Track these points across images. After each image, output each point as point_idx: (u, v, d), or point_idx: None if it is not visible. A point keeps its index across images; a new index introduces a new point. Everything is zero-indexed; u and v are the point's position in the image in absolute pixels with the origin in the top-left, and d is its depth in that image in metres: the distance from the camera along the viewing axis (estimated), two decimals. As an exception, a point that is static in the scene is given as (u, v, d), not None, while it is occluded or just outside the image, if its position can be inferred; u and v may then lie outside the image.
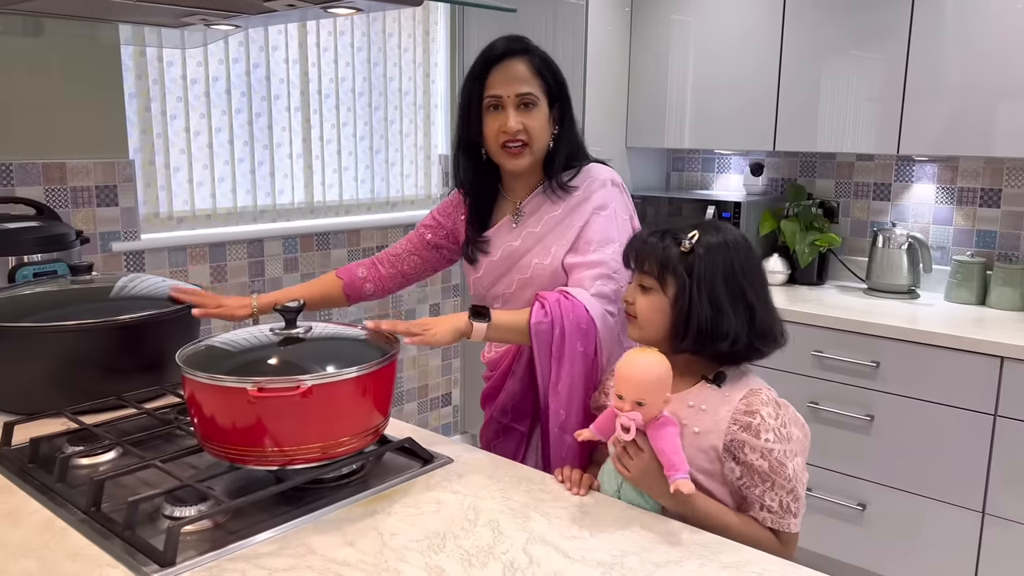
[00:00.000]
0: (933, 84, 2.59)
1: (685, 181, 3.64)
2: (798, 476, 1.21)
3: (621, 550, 1.11)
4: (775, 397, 1.25)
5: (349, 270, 1.82)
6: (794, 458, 1.21)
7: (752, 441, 1.20)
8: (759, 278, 1.29)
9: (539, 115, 1.59)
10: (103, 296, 1.67)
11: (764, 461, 1.19)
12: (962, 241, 2.91)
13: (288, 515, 1.19)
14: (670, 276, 1.26)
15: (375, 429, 1.31)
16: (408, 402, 3.57)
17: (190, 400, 1.25)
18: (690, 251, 1.25)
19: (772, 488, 1.20)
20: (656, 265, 1.27)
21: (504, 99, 1.57)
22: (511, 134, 1.57)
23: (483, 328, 1.48)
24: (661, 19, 3.20)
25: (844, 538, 2.65)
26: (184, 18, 1.39)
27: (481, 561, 1.07)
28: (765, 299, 1.28)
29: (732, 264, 1.25)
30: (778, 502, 1.21)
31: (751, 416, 1.21)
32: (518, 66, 1.58)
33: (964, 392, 2.37)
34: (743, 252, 1.27)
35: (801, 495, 1.22)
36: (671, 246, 1.26)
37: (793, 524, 1.22)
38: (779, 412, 1.23)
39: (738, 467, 1.22)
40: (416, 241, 1.82)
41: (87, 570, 1.04)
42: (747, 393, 1.24)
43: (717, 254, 1.25)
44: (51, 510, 1.19)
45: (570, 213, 1.62)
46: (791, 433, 1.22)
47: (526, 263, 1.62)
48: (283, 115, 3.01)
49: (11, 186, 2.33)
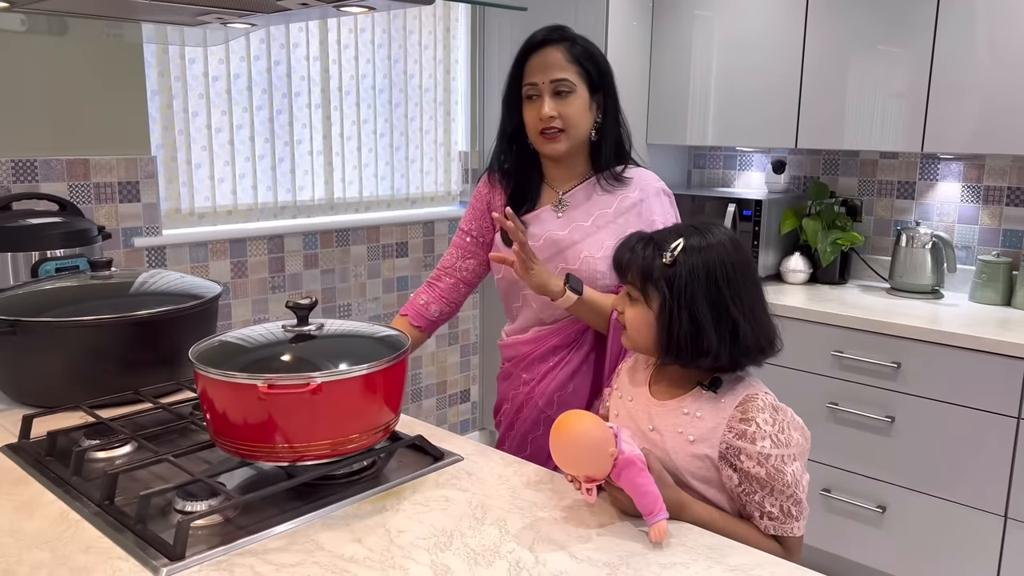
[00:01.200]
0: (959, 81, 2.55)
1: (706, 178, 3.62)
2: (798, 481, 1.20)
3: (628, 551, 1.10)
4: (772, 402, 1.23)
5: (411, 304, 1.83)
6: (793, 463, 1.19)
7: (748, 448, 1.18)
8: (746, 287, 1.23)
9: (576, 102, 1.60)
10: (122, 292, 1.69)
11: (761, 468, 1.18)
12: (988, 240, 2.87)
13: (298, 511, 1.20)
14: (652, 289, 1.23)
15: (385, 426, 1.31)
16: (427, 398, 3.58)
17: (202, 396, 1.26)
18: (673, 263, 1.21)
19: (772, 494, 1.19)
20: (639, 277, 1.24)
21: (540, 86, 1.60)
22: (545, 121, 1.59)
23: (573, 299, 1.54)
24: (684, 14, 3.18)
25: (863, 540, 2.62)
26: (200, 17, 1.40)
27: (487, 560, 1.07)
28: (751, 310, 1.22)
29: (715, 276, 1.20)
30: (779, 508, 1.20)
31: (747, 423, 1.19)
32: (554, 54, 1.60)
33: (987, 394, 2.33)
34: (729, 261, 1.21)
35: (802, 499, 1.21)
36: (655, 257, 1.23)
37: (796, 528, 1.21)
38: (776, 417, 1.21)
39: (736, 475, 1.20)
40: (463, 246, 1.81)
41: (99, 563, 1.05)
42: (743, 399, 1.22)
43: (700, 266, 1.20)
44: (66, 502, 1.21)
45: (625, 212, 1.65)
46: (789, 437, 1.20)
47: (574, 254, 1.63)
48: (304, 112, 3.03)
49: (35, 182, 2.37)
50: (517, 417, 1.74)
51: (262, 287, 2.96)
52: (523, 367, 1.73)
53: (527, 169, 1.72)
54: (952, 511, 2.44)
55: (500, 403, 1.81)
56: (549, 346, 1.68)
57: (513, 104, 1.66)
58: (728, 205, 3.04)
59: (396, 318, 1.84)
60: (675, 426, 1.25)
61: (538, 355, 1.70)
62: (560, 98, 1.60)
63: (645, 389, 1.32)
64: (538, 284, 1.54)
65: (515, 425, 1.75)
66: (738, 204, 3.03)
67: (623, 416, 1.34)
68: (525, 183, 1.73)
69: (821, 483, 2.70)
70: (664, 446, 1.25)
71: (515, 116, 1.67)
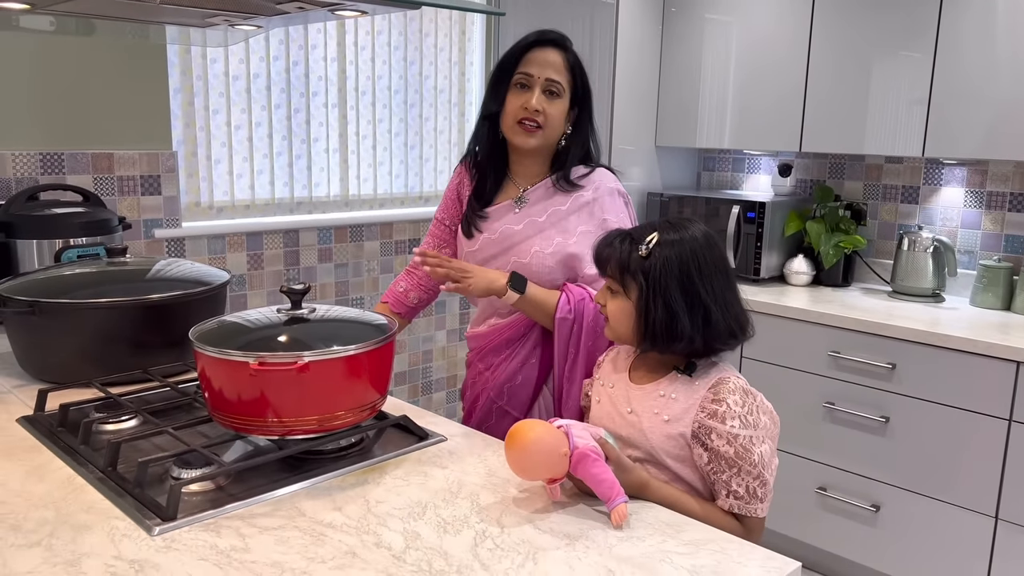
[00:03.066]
0: (962, 87, 2.58)
1: (716, 181, 3.67)
2: (765, 462, 1.26)
3: (589, 524, 1.17)
4: (743, 385, 1.30)
5: (391, 291, 1.92)
6: (761, 444, 1.26)
7: (718, 427, 1.25)
8: (717, 277, 1.31)
9: (560, 105, 1.69)
10: (136, 277, 1.79)
11: (730, 447, 1.24)
12: (990, 245, 2.89)
13: (285, 481, 1.28)
14: (631, 281, 1.31)
15: (371, 405, 1.39)
16: (437, 391, 3.67)
17: (201, 373, 1.35)
18: (648, 255, 1.29)
19: (739, 474, 1.25)
20: (618, 270, 1.33)
21: (534, 78, 1.67)
22: (530, 112, 1.66)
23: (514, 297, 1.61)
24: (695, 17, 3.23)
25: (857, 539, 2.66)
26: (209, 19, 1.50)
27: (456, 529, 1.15)
28: (723, 297, 1.30)
29: (688, 266, 1.28)
30: (745, 487, 1.26)
31: (718, 404, 1.26)
32: (555, 55, 1.68)
33: (980, 396, 2.36)
34: (701, 252, 1.30)
35: (768, 481, 1.27)
36: (631, 250, 1.31)
37: (759, 510, 1.27)
38: (746, 400, 1.27)
39: (706, 453, 1.27)
40: (437, 235, 1.89)
41: (98, 521, 1.14)
42: (716, 382, 1.29)
43: (673, 258, 1.28)
44: (73, 468, 1.31)
45: (577, 211, 1.71)
46: (758, 420, 1.27)
47: (526, 248, 1.70)
48: (321, 111, 3.13)
49: (62, 174, 2.49)
50: (475, 407, 1.83)
51: (277, 279, 3.06)
52: (479, 357, 1.81)
53: (494, 162, 1.78)
54: (945, 511, 2.47)
55: (464, 387, 1.90)
56: (503, 338, 1.75)
57: (499, 87, 1.71)
58: (732, 207, 3.09)
59: (377, 304, 1.93)
60: (651, 408, 1.32)
61: (492, 347, 1.78)
62: (548, 97, 1.67)
63: (625, 375, 1.40)
64: (480, 290, 1.63)
65: (473, 414, 1.83)
66: (742, 206, 3.08)
67: (604, 402, 1.42)
68: (491, 176, 1.79)
69: (816, 482, 2.74)
70: (641, 427, 1.33)
71: (498, 99, 1.71)
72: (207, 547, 1.08)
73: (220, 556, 1.06)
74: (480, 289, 1.62)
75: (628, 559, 1.08)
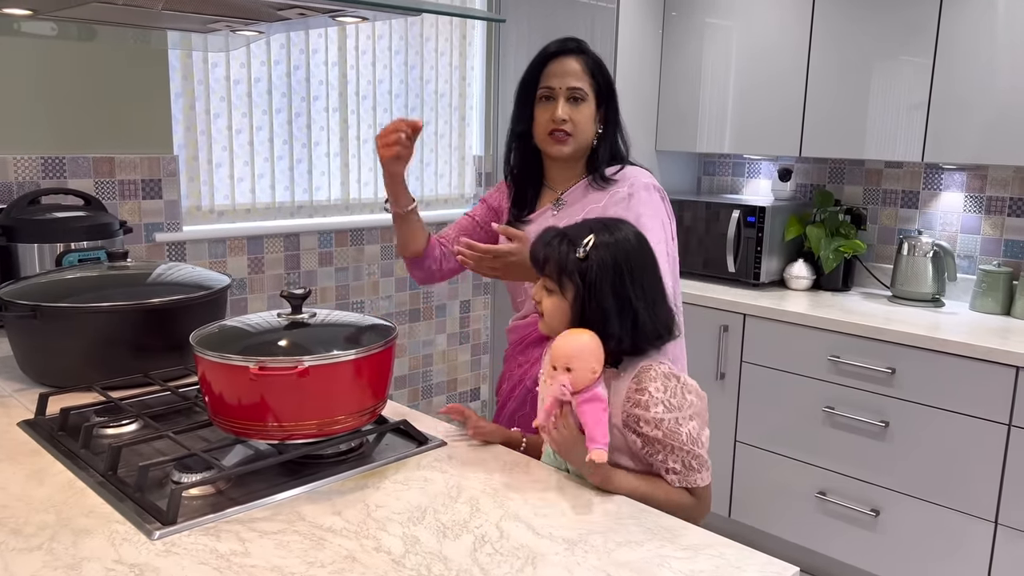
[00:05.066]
0: (961, 91, 2.59)
1: (716, 185, 3.67)
2: (694, 438, 1.31)
3: (588, 529, 1.18)
4: (665, 371, 1.34)
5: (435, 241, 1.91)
6: (688, 423, 1.31)
7: (644, 415, 1.30)
8: (647, 279, 1.36)
9: (586, 110, 1.72)
10: (137, 281, 1.80)
11: (658, 430, 1.30)
12: (989, 250, 2.89)
13: (285, 486, 1.28)
14: (567, 281, 1.34)
15: (371, 410, 1.40)
16: (437, 395, 3.67)
17: (201, 378, 1.36)
18: (585, 258, 1.33)
19: (672, 452, 1.31)
20: (555, 270, 1.35)
21: (556, 90, 1.71)
22: (558, 123, 1.71)
23: None
24: (695, 22, 3.24)
25: (856, 543, 2.66)
26: (210, 24, 1.50)
27: (455, 533, 1.15)
28: (652, 301, 1.35)
29: (621, 270, 1.32)
30: (681, 463, 1.31)
31: (640, 393, 1.31)
32: (572, 63, 1.72)
33: (979, 401, 2.37)
34: (633, 256, 1.34)
35: (701, 454, 1.32)
36: (569, 252, 1.34)
37: (700, 479, 1.33)
38: (668, 384, 1.32)
39: (639, 439, 1.32)
40: (464, 224, 1.93)
41: (99, 525, 1.15)
42: (638, 371, 1.33)
43: (608, 260, 1.32)
44: (74, 472, 1.31)
45: (614, 206, 1.73)
46: (682, 400, 1.31)
47: None
48: (321, 115, 3.14)
49: (64, 178, 2.49)
50: (510, 396, 1.85)
51: (278, 283, 3.06)
52: (519, 349, 1.85)
53: (530, 172, 1.84)
54: (944, 516, 2.47)
55: (501, 381, 1.93)
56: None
57: (525, 104, 1.77)
58: (733, 211, 3.09)
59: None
60: None
61: (533, 339, 1.80)
62: (573, 104, 1.71)
63: None
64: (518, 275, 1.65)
65: (507, 404, 1.86)
66: (742, 210, 3.08)
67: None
68: (528, 186, 1.85)
69: (816, 486, 2.74)
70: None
71: (525, 116, 1.78)
72: (207, 551, 1.08)
73: (220, 560, 1.06)
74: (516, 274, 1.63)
75: (627, 564, 1.08)
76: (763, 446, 2.83)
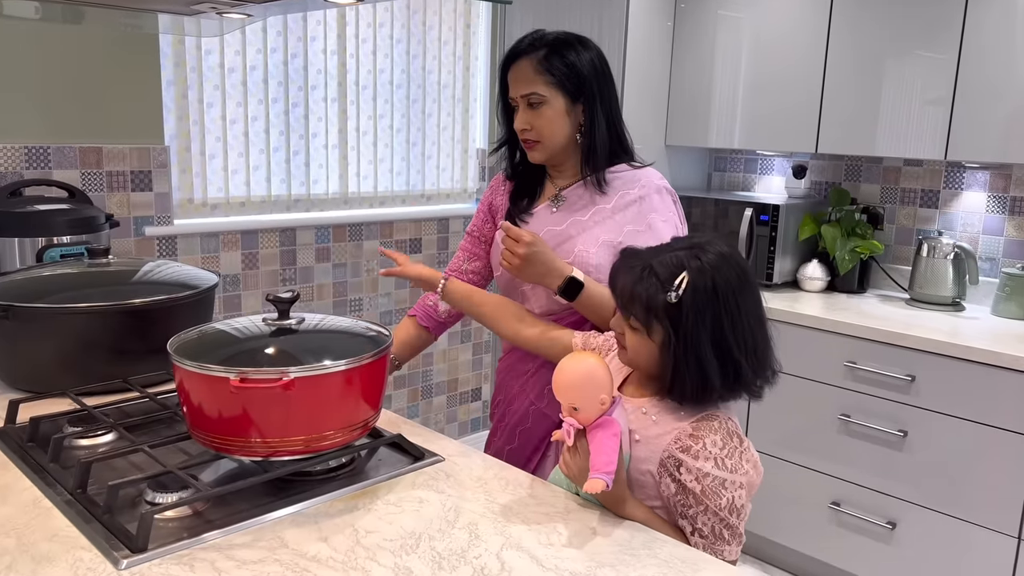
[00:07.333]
0: (987, 87, 2.47)
1: (727, 181, 3.56)
2: (736, 509, 1.17)
3: (597, 561, 1.08)
4: (731, 428, 1.20)
5: (420, 304, 1.84)
6: (735, 490, 1.17)
7: (688, 462, 1.17)
8: (751, 322, 1.20)
9: (548, 112, 1.60)
10: (119, 280, 1.69)
11: (698, 484, 1.16)
12: (1013, 253, 2.78)
13: (269, 506, 1.18)
14: (656, 325, 1.19)
15: (363, 424, 1.30)
16: (437, 396, 3.57)
17: (179, 387, 1.25)
18: (677, 301, 1.17)
19: (705, 513, 1.17)
20: (642, 311, 1.20)
21: (516, 100, 1.63)
22: (520, 132, 1.63)
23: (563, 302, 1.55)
24: (707, 13, 3.12)
25: (872, 557, 2.56)
26: (194, 6, 1.39)
27: (452, 565, 1.05)
28: (754, 350, 1.20)
29: (721, 320, 1.17)
30: (710, 528, 1.17)
31: (694, 441, 1.17)
32: (524, 66, 1.61)
33: (1003, 411, 2.26)
34: (735, 300, 1.18)
35: (737, 526, 1.18)
36: (657, 292, 1.18)
37: (728, 552, 1.18)
38: (728, 443, 1.18)
39: (674, 484, 1.19)
40: (467, 248, 1.83)
41: (62, 552, 1.05)
42: (701, 417, 1.20)
43: (706, 308, 1.16)
44: (41, 489, 1.21)
45: (623, 208, 1.62)
46: (737, 465, 1.17)
47: (568, 248, 1.62)
48: (320, 105, 3.03)
49: (48, 169, 2.39)
50: (508, 409, 1.73)
51: (272, 279, 2.96)
52: (519, 357, 1.72)
53: (527, 170, 1.74)
54: (964, 530, 2.37)
55: (496, 394, 1.81)
56: None
57: (504, 115, 1.70)
58: (745, 209, 2.98)
59: (404, 318, 1.85)
60: (628, 423, 1.24)
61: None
62: (532, 109, 1.60)
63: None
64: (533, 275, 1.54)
65: (506, 417, 1.74)
66: (755, 209, 2.97)
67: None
68: (528, 181, 1.74)
69: (830, 496, 2.63)
70: None
71: (506, 124, 1.70)
72: (177, 585, 0.98)
73: (191, 596, 0.96)
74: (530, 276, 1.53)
75: (641, 604, 0.98)
76: (776, 454, 2.72)
